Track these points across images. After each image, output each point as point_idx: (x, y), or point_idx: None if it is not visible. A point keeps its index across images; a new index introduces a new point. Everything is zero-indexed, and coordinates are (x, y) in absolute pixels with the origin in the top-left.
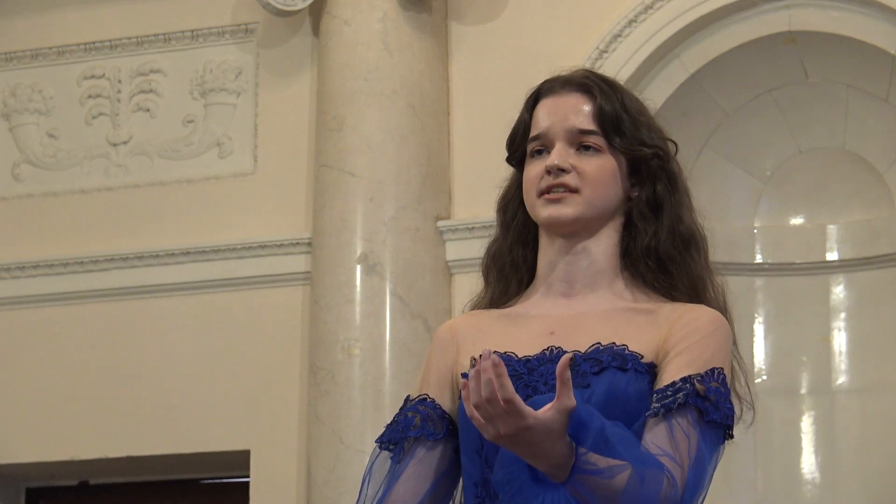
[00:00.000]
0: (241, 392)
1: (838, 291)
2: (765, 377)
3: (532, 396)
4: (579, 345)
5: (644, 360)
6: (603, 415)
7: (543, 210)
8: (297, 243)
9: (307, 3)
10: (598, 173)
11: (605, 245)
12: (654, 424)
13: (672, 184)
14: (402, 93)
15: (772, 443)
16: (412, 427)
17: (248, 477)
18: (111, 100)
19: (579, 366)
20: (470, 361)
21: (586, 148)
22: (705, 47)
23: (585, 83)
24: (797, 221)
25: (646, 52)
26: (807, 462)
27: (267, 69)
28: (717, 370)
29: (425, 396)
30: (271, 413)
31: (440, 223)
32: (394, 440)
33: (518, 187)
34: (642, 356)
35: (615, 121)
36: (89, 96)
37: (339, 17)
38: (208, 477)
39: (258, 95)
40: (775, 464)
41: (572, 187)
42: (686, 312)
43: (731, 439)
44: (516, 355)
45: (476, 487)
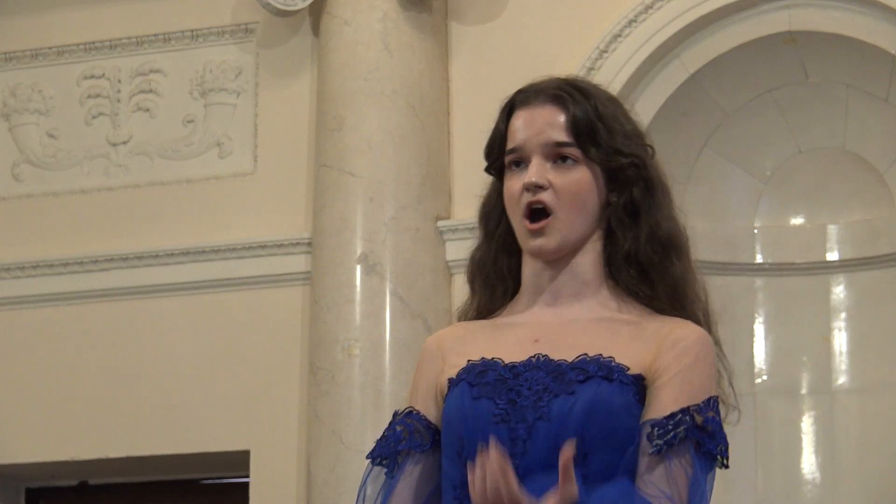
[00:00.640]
0: (241, 392)
1: (838, 291)
2: (765, 377)
3: (515, 401)
4: (564, 353)
5: (630, 372)
6: (586, 423)
7: (526, 242)
8: (297, 243)
9: (307, 3)
10: (575, 189)
11: (588, 256)
12: (654, 462)
13: (649, 189)
14: (402, 93)
15: (772, 443)
16: (401, 441)
17: (248, 477)
18: (111, 100)
19: (565, 374)
20: (479, 446)
21: (563, 159)
22: (705, 47)
23: (558, 94)
24: (797, 221)
25: (646, 52)
26: (807, 462)
27: (267, 69)
28: (713, 399)
29: (411, 409)
30: (271, 413)
31: (440, 223)
32: (385, 455)
33: (499, 196)
34: (628, 368)
35: (590, 130)
36: (89, 96)
37: (339, 17)
38: (208, 477)
39: (258, 95)
40: (775, 464)
41: (549, 206)
42: (673, 330)
43: (725, 468)
44: (502, 361)
45: (455, 490)
